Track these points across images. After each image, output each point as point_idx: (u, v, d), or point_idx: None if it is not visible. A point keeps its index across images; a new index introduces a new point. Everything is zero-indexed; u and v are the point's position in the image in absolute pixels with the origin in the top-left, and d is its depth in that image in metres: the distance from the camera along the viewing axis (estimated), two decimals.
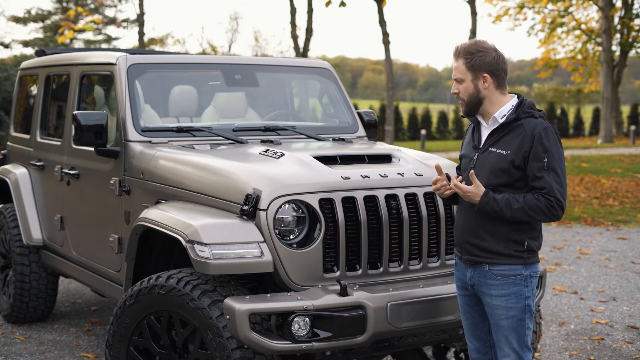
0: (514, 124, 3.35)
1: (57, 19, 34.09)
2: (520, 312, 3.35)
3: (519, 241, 3.34)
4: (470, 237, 3.40)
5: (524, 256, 3.35)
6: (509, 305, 3.35)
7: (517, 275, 3.34)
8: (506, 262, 3.33)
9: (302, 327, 3.52)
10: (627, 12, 30.24)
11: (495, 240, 3.34)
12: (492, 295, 3.37)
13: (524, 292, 3.36)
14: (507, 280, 3.34)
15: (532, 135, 3.29)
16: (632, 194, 13.43)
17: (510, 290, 3.34)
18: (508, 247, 3.33)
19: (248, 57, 6.36)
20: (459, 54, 3.41)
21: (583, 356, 5.38)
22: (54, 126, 5.94)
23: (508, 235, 3.33)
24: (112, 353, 3.98)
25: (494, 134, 3.39)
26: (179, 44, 34.70)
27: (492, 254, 3.34)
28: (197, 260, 3.61)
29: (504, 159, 3.31)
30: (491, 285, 3.36)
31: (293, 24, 20.63)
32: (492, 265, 3.35)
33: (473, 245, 3.39)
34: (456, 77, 3.42)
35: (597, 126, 34.11)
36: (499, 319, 3.37)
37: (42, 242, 5.87)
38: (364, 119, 5.52)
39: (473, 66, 3.37)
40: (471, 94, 3.40)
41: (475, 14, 22.71)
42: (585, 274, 7.85)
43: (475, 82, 3.38)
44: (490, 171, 3.34)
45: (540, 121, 3.35)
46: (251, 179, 3.81)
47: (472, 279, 3.43)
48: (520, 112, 3.37)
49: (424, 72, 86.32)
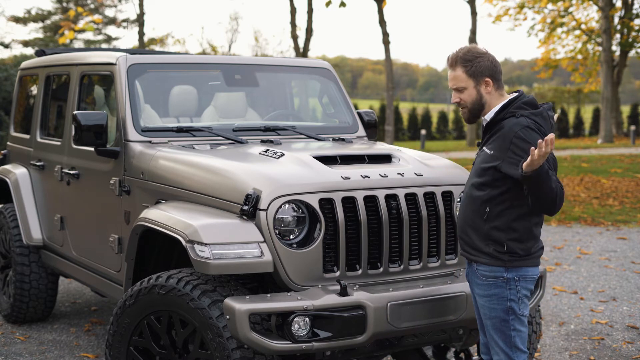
0: (498, 125, 3.38)
1: (57, 19, 34.09)
2: (502, 314, 3.37)
3: (498, 241, 3.34)
4: (461, 232, 3.49)
5: (503, 258, 3.34)
6: (491, 306, 3.39)
7: (498, 277, 3.36)
8: (487, 262, 3.36)
9: (302, 327, 3.52)
10: (627, 12, 30.24)
11: (477, 236, 3.38)
12: (478, 294, 3.45)
13: (505, 294, 3.36)
14: (488, 281, 3.38)
15: (509, 134, 3.28)
16: (632, 194, 13.43)
17: (491, 291, 3.38)
18: (488, 246, 3.36)
19: (248, 57, 6.35)
20: (455, 62, 3.41)
21: (583, 356, 5.38)
22: (54, 126, 5.94)
23: (488, 232, 3.35)
24: (112, 353, 3.98)
25: (485, 134, 3.46)
26: (179, 44, 34.75)
27: (477, 251, 3.40)
28: (197, 260, 3.61)
29: (489, 158, 3.35)
30: (477, 284, 3.43)
31: (293, 24, 20.65)
32: (479, 264, 3.40)
33: (463, 240, 3.48)
34: (457, 86, 3.41)
35: (597, 126, 34.11)
36: (485, 317, 3.44)
37: (42, 242, 5.86)
38: (364, 119, 5.52)
39: (474, 73, 3.38)
40: (474, 101, 3.41)
41: (475, 14, 22.72)
42: (585, 274, 7.85)
43: (477, 88, 3.40)
44: (477, 170, 3.40)
45: (520, 120, 3.31)
46: (251, 179, 3.81)
47: (468, 275, 3.53)
48: (506, 112, 3.37)
49: (424, 72, 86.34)
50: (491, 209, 3.33)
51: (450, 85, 3.45)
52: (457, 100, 3.45)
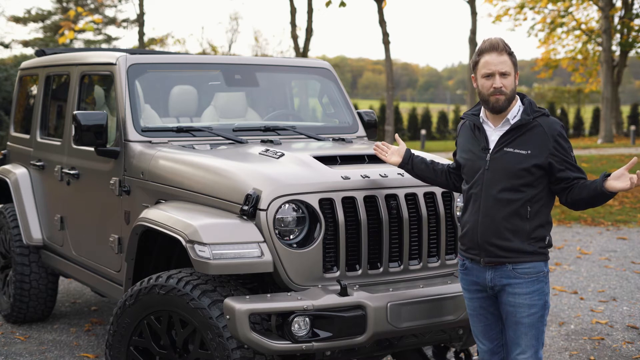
0: (530, 124, 3.36)
1: (57, 19, 34.06)
2: (541, 309, 3.39)
3: (542, 237, 3.37)
4: (492, 238, 3.36)
5: (545, 252, 3.40)
6: (532, 302, 3.36)
7: (540, 272, 3.37)
8: (531, 259, 3.35)
9: (302, 327, 3.52)
10: (627, 12, 30.23)
11: (520, 239, 3.34)
12: (516, 293, 3.36)
13: (544, 288, 3.39)
14: (531, 278, 3.36)
15: (552, 134, 3.33)
16: (632, 194, 13.43)
17: (534, 287, 3.36)
18: (532, 245, 3.35)
19: (248, 57, 6.36)
20: (503, 49, 3.36)
21: (583, 356, 5.38)
22: (54, 126, 5.94)
23: (532, 232, 3.35)
24: (112, 353, 3.98)
25: (507, 135, 3.38)
26: (179, 44, 34.73)
27: (517, 253, 3.35)
28: (197, 260, 3.61)
29: (524, 158, 3.31)
30: (515, 284, 3.36)
31: (293, 24, 20.63)
32: (517, 264, 3.35)
33: (496, 246, 3.36)
34: (504, 70, 3.34)
35: (597, 126, 34.10)
36: (521, 316, 3.37)
37: (42, 242, 5.86)
38: (364, 119, 5.52)
39: (514, 64, 3.40)
40: (513, 90, 3.39)
41: (475, 14, 22.71)
42: (585, 274, 7.85)
43: (515, 80, 3.40)
44: (510, 172, 3.33)
45: (554, 119, 3.39)
46: (251, 179, 3.81)
47: (493, 281, 3.40)
48: (531, 111, 3.39)
49: (424, 72, 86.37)
50: (532, 208, 3.34)
51: (497, 69, 3.33)
52: (499, 86, 3.34)
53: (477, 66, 3.41)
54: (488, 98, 3.37)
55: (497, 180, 3.35)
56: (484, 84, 3.38)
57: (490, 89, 3.36)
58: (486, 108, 3.43)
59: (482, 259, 3.41)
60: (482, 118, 3.47)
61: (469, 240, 3.45)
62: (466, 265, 3.50)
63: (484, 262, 3.40)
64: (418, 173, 3.84)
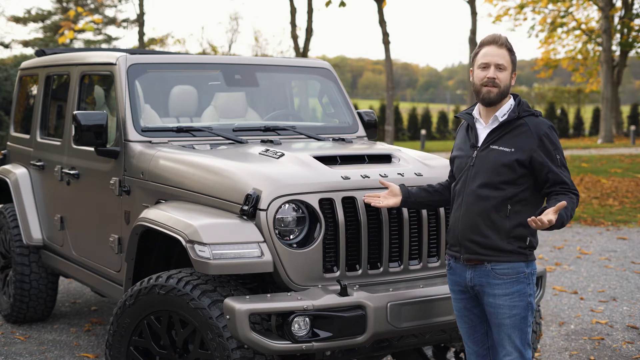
0: (516, 122, 3.36)
1: (57, 19, 34.06)
2: (523, 310, 3.36)
3: (522, 237, 3.34)
4: (472, 235, 3.36)
5: (526, 253, 3.36)
6: (512, 303, 3.34)
7: (520, 273, 3.35)
8: (509, 259, 3.33)
9: (302, 327, 3.52)
10: (627, 12, 30.24)
11: (499, 236, 3.33)
12: (496, 294, 3.36)
13: (526, 289, 3.36)
14: (510, 279, 3.34)
15: (538, 133, 3.32)
16: (632, 194, 13.43)
17: (514, 288, 3.34)
18: (511, 244, 3.33)
19: (248, 57, 6.36)
20: (503, 43, 3.38)
21: (583, 356, 5.38)
22: (54, 126, 5.94)
23: (511, 231, 3.32)
24: (112, 353, 3.98)
25: (495, 132, 3.39)
26: (179, 44, 34.72)
27: (496, 251, 3.33)
28: (197, 260, 3.61)
29: (507, 156, 3.32)
30: (494, 285, 3.35)
31: (293, 24, 20.64)
32: (495, 263, 3.34)
33: (475, 242, 3.36)
34: (501, 63, 3.35)
35: (597, 126, 34.09)
36: (502, 317, 3.36)
37: (42, 242, 5.86)
38: (364, 119, 5.52)
39: (514, 62, 3.41)
40: (506, 85, 3.38)
41: (475, 14, 22.72)
42: (585, 274, 7.85)
43: (510, 77, 3.40)
44: (492, 169, 3.34)
45: (542, 119, 3.38)
46: (251, 179, 3.81)
47: (472, 280, 3.41)
48: (520, 110, 3.39)
49: (424, 72, 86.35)
50: (512, 207, 3.32)
51: (493, 61, 3.34)
52: (493, 77, 3.34)
53: (476, 57, 3.43)
54: (480, 88, 3.38)
55: (479, 176, 3.36)
56: (479, 74, 3.39)
57: (484, 79, 3.36)
58: (478, 100, 3.43)
59: (462, 255, 3.41)
60: (475, 116, 3.48)
61: (451, 237, 3.47)
62: (451, 264, 3.51)
63: (463, 259, 3.41)
64: (422, 201, 3.76)
